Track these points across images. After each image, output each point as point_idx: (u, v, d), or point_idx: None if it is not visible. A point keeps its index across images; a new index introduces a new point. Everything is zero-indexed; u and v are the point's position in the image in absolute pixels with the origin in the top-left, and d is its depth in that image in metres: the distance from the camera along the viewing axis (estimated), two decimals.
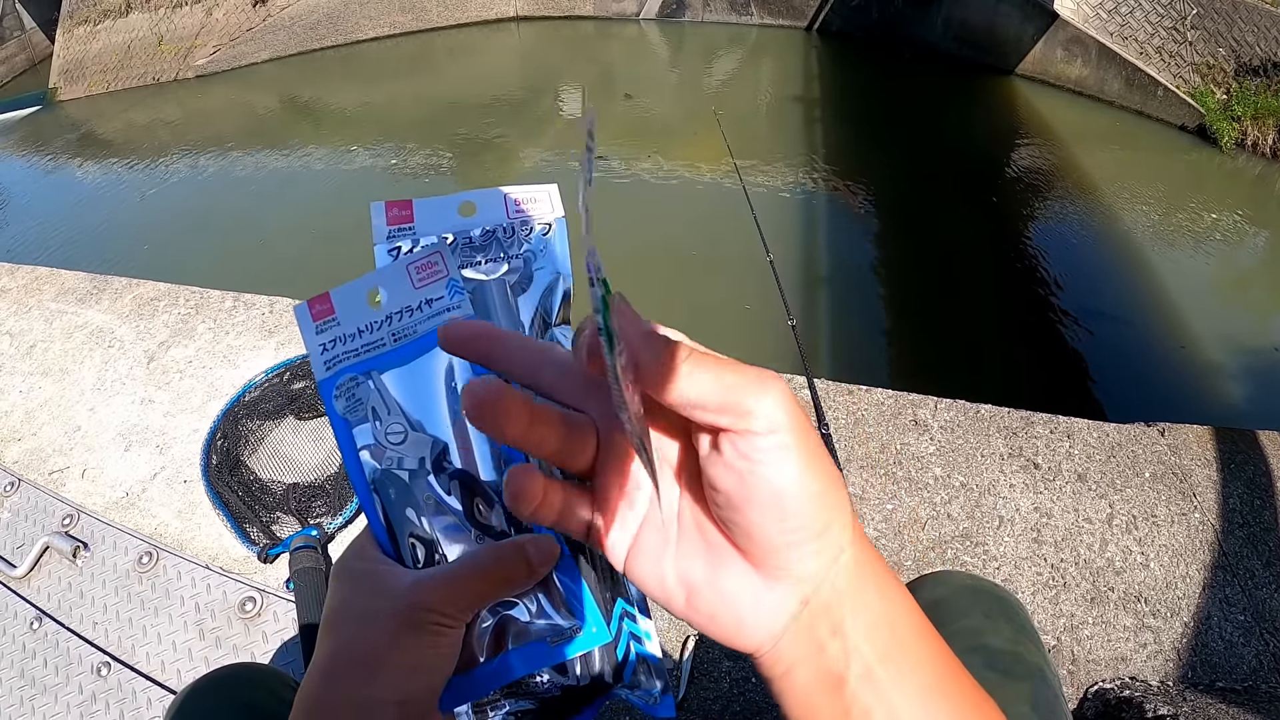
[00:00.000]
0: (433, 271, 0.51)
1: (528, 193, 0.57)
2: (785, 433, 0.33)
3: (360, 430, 0.49)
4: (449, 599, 0.44)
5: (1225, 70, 8.30)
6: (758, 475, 0.33)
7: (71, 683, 1.54)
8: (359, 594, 0.46)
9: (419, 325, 0.51)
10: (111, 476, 1.92)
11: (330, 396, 0.49)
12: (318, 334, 0.49)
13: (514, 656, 0.48)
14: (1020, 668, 0.72)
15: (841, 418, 1.83)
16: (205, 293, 2.46)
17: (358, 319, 0.50)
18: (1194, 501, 1.64)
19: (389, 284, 0.50)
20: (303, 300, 0.50)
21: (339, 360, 0.49)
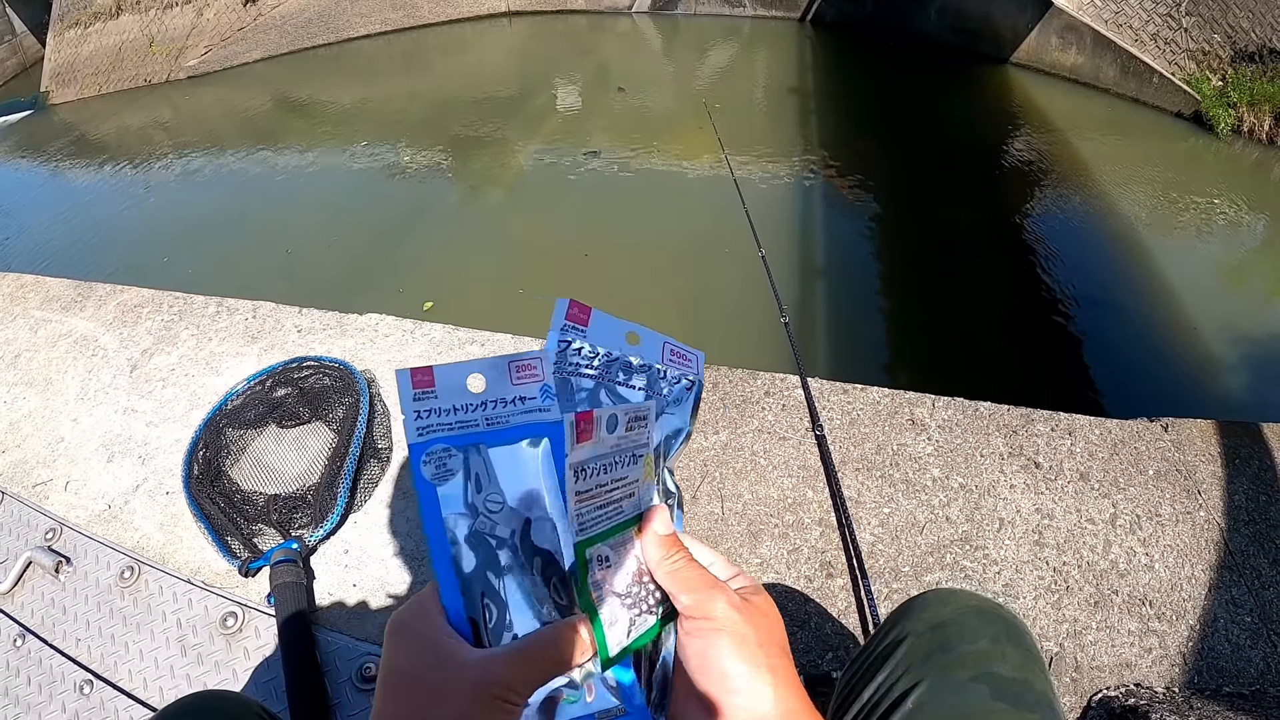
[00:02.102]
0: (531, 374, 0.57)
1: (682, 350, 0.68)
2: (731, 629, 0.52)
3: (445, 495, 0.53)
4: (519, 676, 0.49)
5: (1221, 56, 8.26)
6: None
7: (55, 701, 1.51)
8: (427, 660, 0.49)
9: (511, 417, 0.57)
10: (94, 489, 1.88)
11: (419, 460, 0.53)
12: (415, 401, 0.54)
13: None
14: (1029, 696, 0.69)
15: (836, 418, 1.79)
16: (189, 298, 2.43)
17: (454, 398, 0.55)
18: (1199, 499, 1.60)
19: (490, 375, 0.56)
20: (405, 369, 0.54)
21: (432, 429, 0.54)
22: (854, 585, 1.45)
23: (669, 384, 0.66)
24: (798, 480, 1.66)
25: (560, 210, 7.83)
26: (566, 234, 7.19)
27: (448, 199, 8.46)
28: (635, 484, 0.58)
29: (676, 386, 0.67)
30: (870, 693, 0.76)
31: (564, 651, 0.50)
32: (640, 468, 0.59)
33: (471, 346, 2.09)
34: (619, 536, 0.58)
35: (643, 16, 13.82)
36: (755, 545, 1.55)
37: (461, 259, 6.69)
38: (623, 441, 0.57)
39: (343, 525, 1.65)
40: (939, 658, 0.73)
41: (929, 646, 0.75)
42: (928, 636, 0.76)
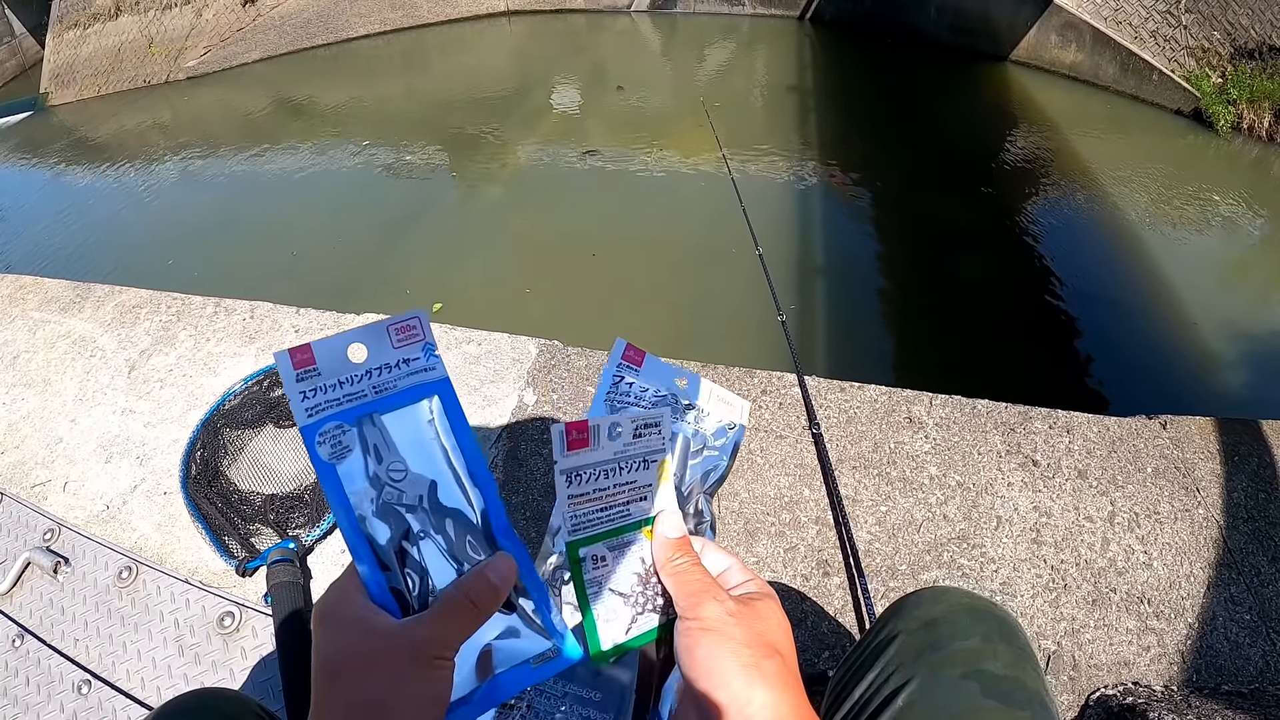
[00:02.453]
0: (411, 335, 0.58)
1: (726, 396, 0.73)
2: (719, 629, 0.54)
3: (346, 472, 0.53)
4: (444, 634, 0.50)
5: (1220, 53, 8.26)
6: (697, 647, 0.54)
7: (53, 701, 1.51)
8: (355, 640, 0.50)
9: (398, 381, 0.57)
10: (93, 489, 1.88)
11: (314, 443, 0.53)
12: (298, 382, 0.53)
13: (503, 678, 0.55)
14: (1020, 694, 0.69)
15: (833, 416, 1.79)
16: (187, 299, 2.42)
17: (338, 371, 0.54)
18: (1197, 497, 1.60)
19: (370, 342, 0.56)
20: (282, 348, 0.53)
21: (321, 408, 0.54)
22: (851, 584, 1.44)
23: (712, 426, 0.71)
24: (794, 479, 1.66)
25: (559, 209, 7.83)
26: (566, 233, 7.18)
27: (448, 199, 8.46)
28: (647, 488, 0.60)
29: (719, 426, 0.72)
30: (861, 691, 0.76)
31: (481, 599, 0.51)
32: (653, 472, 0.60)
33: (469, 346, 2.08)
34: (624, 537, 0.60)
35: (641, 15, 13.81)
36: (752, 544, 1.55)
37: (465, 259, 6.69)
38: (629, 448, 0.58)
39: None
40: (930, 656, 0.73)
41: (920, 644, 0.75)
42: (919, 634, 0.76)
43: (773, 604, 0.57)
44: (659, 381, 0.69)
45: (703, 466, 0.70)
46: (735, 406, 0.73)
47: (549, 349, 2.05)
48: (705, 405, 0.71)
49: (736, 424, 0.73)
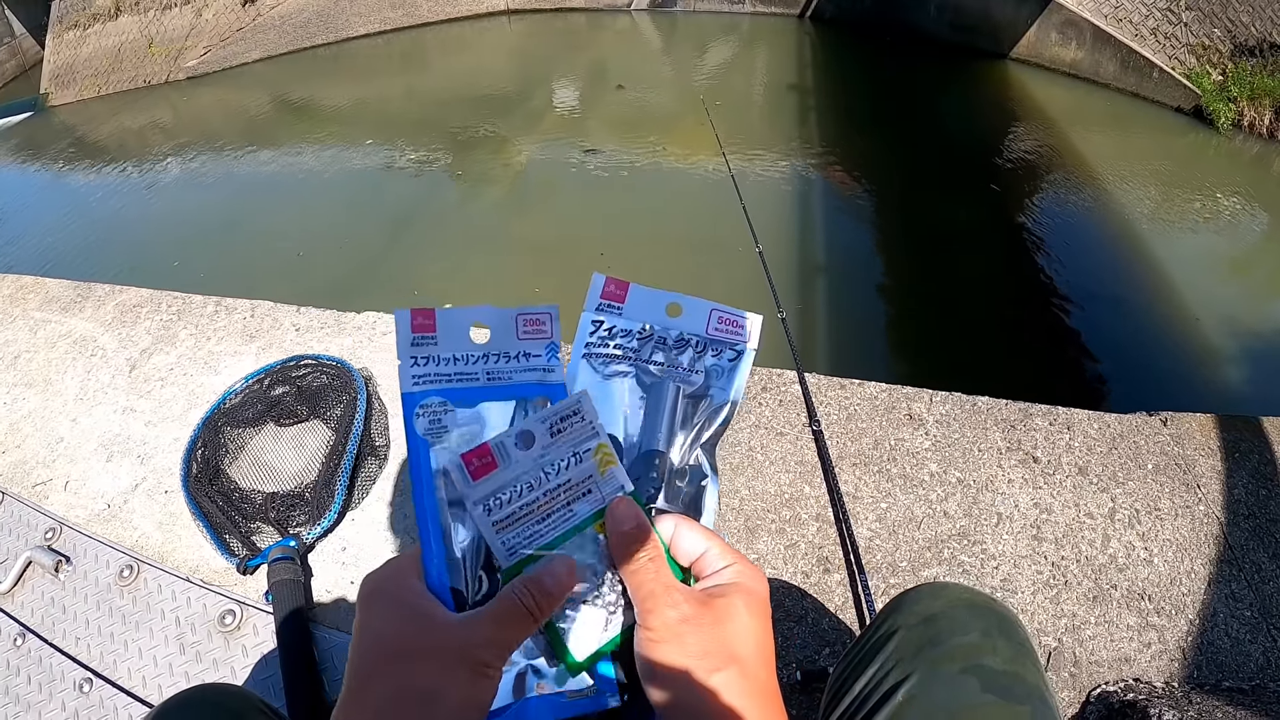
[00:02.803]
0: (538, 329, 0.56)
1: (731, 315, 0.63)
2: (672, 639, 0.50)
3: (438, 451, 0.51)
4: (498, 640, 0.48)
5: (1221, 51, 8.25)
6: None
7: (54, 699, 1.51)
8: (410, 626, 0.48)
9: (514, 374, 0.55)
10: (94, 488, 1.88)
11: (412, 413, 0.51)
12: (413, 346, 0.51)
13: (533, 704, 0.52)
14: (1020, 689, 0.69)
15: (833, 413, 1.79)
16: (188, 298, 2.43)
17: (455, 346, 0.53)
18: (1198, 493, 1.60)
19: (495, 326, 0.54)
20: (404, 309, 0.51)
21: (429, 379, 0.52)
22: (851, 581, 1.44)
23: (712, 357, 0.62)
24: (795, 476, 1.66)
25: (560, 208, 7.83)
26: (567, 231, 7.19)
27: (448, 198, 8.47)
28: (588, 481, 0.54)
29: (722, 357, 0.63)
30: (861, 686, 0.76)
31: (535, 604, 0.49)
32: (590, 464, 0.54)
33: None
34: (576, 539, 0.54)
35: (641, 14, 13.82)
36: (752, 541, 1.55)
37: (466, 258, 6.70)
38: (549, 450, 0.53)
39: (340, 523, 1.65)
40: (929, 651, 0.73)
41: (919, 640, 0.74)
42: (918, 630, 0.76)
43: (740, 600, 0.53)
44: (647, 316, 0.61)
45: (699, 413, 0.62)
46: (743, 325, 0.63)
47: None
48: (706, 332, 0.62)
49: (742, 349, 0.63)
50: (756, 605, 0.53)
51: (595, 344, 0.61)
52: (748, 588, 0.54)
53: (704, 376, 0.62)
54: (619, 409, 0.61)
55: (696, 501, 0.61)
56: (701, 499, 0.61)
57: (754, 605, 0.53)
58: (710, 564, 0.55)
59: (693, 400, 0.62)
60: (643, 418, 0.61)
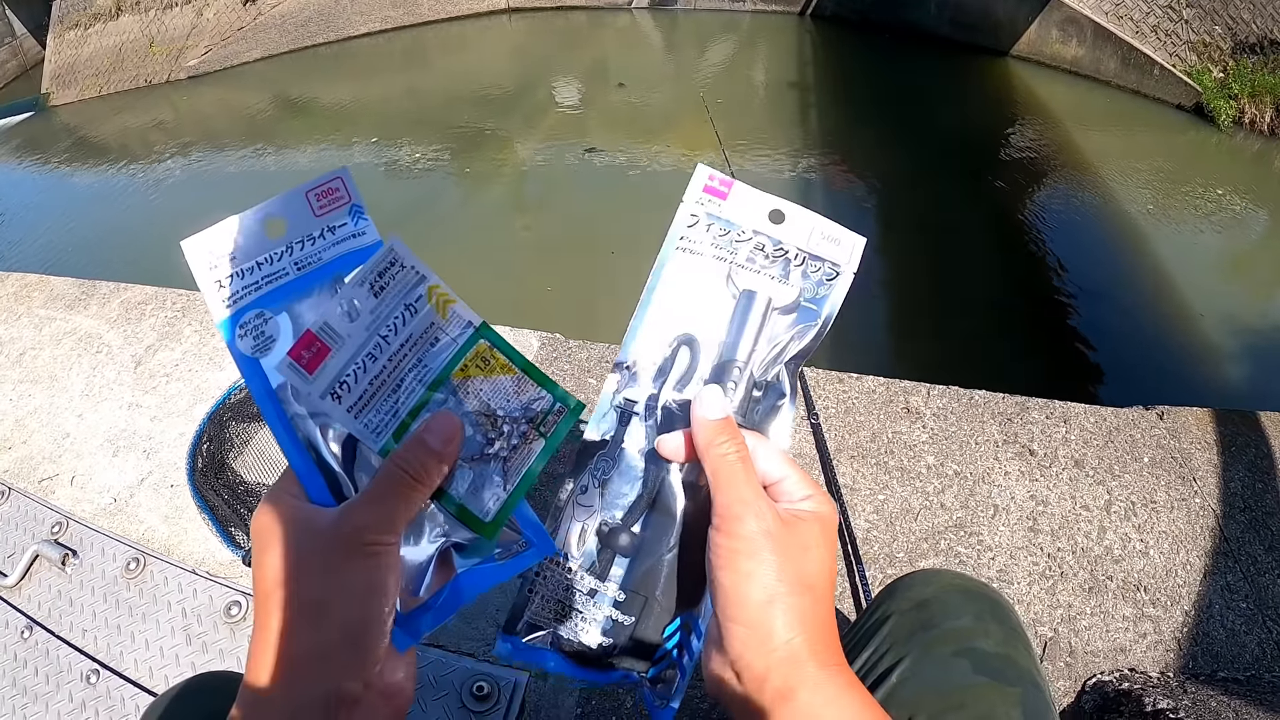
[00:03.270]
0: (334, 198, 0.51)
1: (835, 233, 0.58)
2: (752, 554, 0.47)
3: (271, 367, 0.47)
4: (375, 516, 0.44)
5: (1222, 48, 8.24)
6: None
7: (62, 691, 1.53)
8: (286, 540, 0.45)
9: (323, 253, 0.50)
10: (100, 483, 1.90)
11: (233, 336, 0.47)
12: (212, 270, 0.48)
13: (463, 580, 0.48)
14: (1011, 671, 0.70)
15: (832, 406, 1.80)
16: (192, 295, 2.44)
17: (255, 251, 0.48)
18: (1194, 486, 1.61)
19: (288, 213, 0.50)
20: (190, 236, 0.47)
21: (238, 297, 0.48)
22: (849, 571, 1.46)
23: (809, 273, 0.58)
24: None
25: (561, 206, 7.85)
26: (568, 229, 7.20)
27: (449, 196, 8.48)
28: (431, 331, 0.48)
29: (817, 275, 0.58)
30: (855, 669, 0.77)
31: (419, 470, 0.45)
32: (427, 310, 0.48)
33: None
34: (436, 397, 0.48)
35: (642, 12, 13.79)
36: None
37: (468, 256, 6.70)
38: (379, 311, 0.47)
39: None
40: (922, 635, 0.74)
41: (913, 624, 0.76)
42: (911, 614, 0.77)
43: (819, 529, 0.50)
44: (747, 219, 0.57)
45: (787, 328, 0.57)
46: (844, 245, 0.58)
47: (551, 342, 2.07)
48: (806, 245, 0.58)
49: (842, 269, 0.58)
50: (831, 538, 0.51)
51: (690, 238, 0.58)
52: (824, 518, 0.51)
53: (797, 291, 0.58)
54: (706, 309, 0.57)
55: (770, 419, 0.57)
56: (776, 417, 0.57)
57: (829, 537, 0.51)
58: (787, 492, 0.52)
59: (782, 313, 0.58)
60: (729, 324, 0.57)
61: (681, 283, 0.57)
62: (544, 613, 0.54)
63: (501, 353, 0.50)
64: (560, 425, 0.50)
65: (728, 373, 0.56)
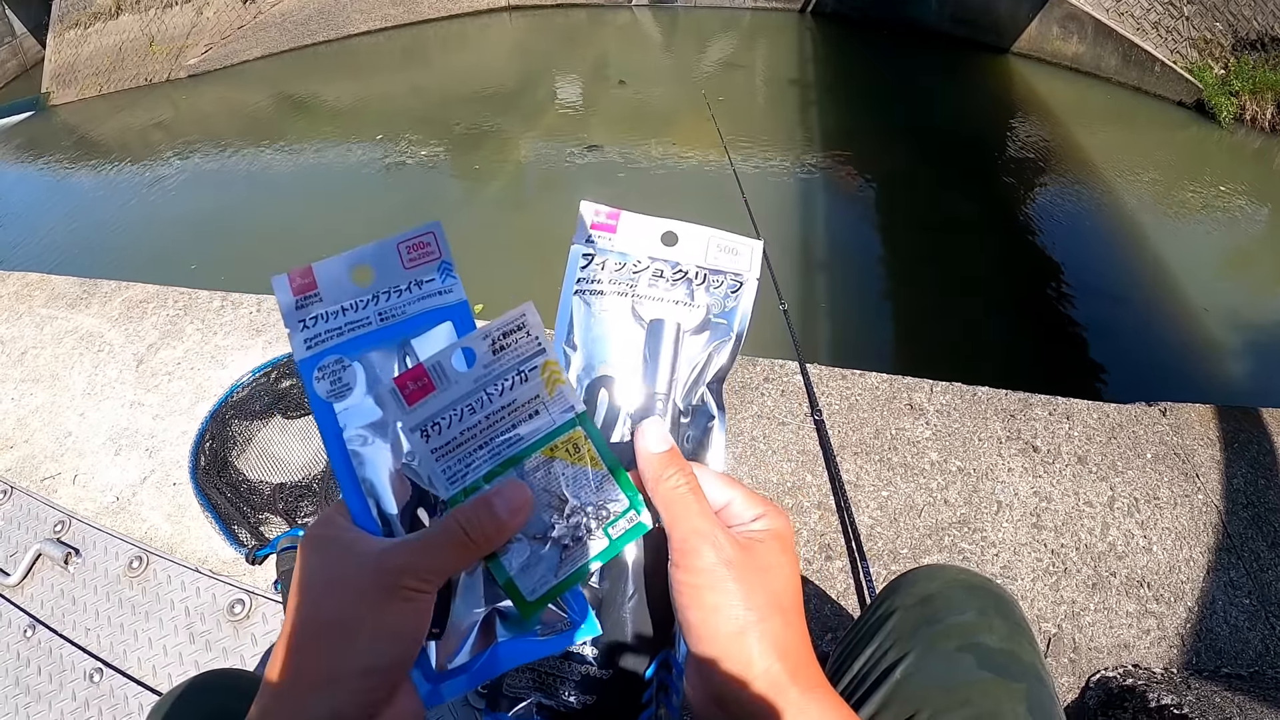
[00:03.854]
0: (425, 252, 0.51)
1: (732, 243, 0.57)
2: (713, 586, 0.46)
3: (346, 412, 0.48)
4: (421, 562, 0.44)
5: (1223, 45, 8.23)
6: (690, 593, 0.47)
7: (65, 689, 1.53)
8: (328, 560, 0.45)
9: (408, 306, 0.50)
10: (102, 481, 1.90)
11: (310, 378, 0.48)
12: (298, 309, 0.48)
13: (502, 649, 0.48)
14: (1016, 667, 0.70)
15: (835, 403, 1.80)
16: (194, 293, 2.44)
17: (341, 296, 0.49)
18: (1197, 483, 1.61)
19: (378, 262, 0.49)
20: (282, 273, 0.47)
21: (321, 339, 0.48)
22: (853, 567, 1.46)
23: (712, 288, 0.57)
24: (797, 464, 1.67)
25: (564, 204, 7.81)
26: (572, 227, 7.17)
27: (451, 194, 8.46)
28: (534, 403, 0.49)
29: (723, 289, 0.57)
30: (859, 665, 0.77)
31: (477, 530, 0.45)
32: (537, 382, 0.49)
33: None
34: (522, 467, 0.49)
35: (642, 9, 13.77)
36: None
37: (473, 255, 6.68)
38: (491, 368, 0.48)
39: None
40: (926, 630, 0.74)
41: (917, 619, 0.75)
42: (916, 610, 0.76)
43: (777, 546, 0.49)
44: (640, 247, 0.56)
45: (702, 348, 0.57)
46: (742, 254, 0.57)
47: (551, 339, 2.06)
48: (704, 261, 0.57)
49: (744, 279, 0.57)
50: (790, 553, 0.50)
51: (586, 278, 0.56)
52: (781, 534, 0.50)
53: (704, 310, 0.57)
54: (616, 347, 0.56)
55: (703, 443, 0.56)
56: (708, 440, 0.56)
57: (789, 553, 0.50)
58: (737, 514, 0.51)
59: (694, 334, 0.57)
60: (642, 357, 0.56)
61: (586, 326, 0.57)
62: (520, 683, 0.53)
63: (594, 445, 0.50)
64: (628, 532, 0.50)
65: (651, 405, 0.55)
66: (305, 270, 0.48)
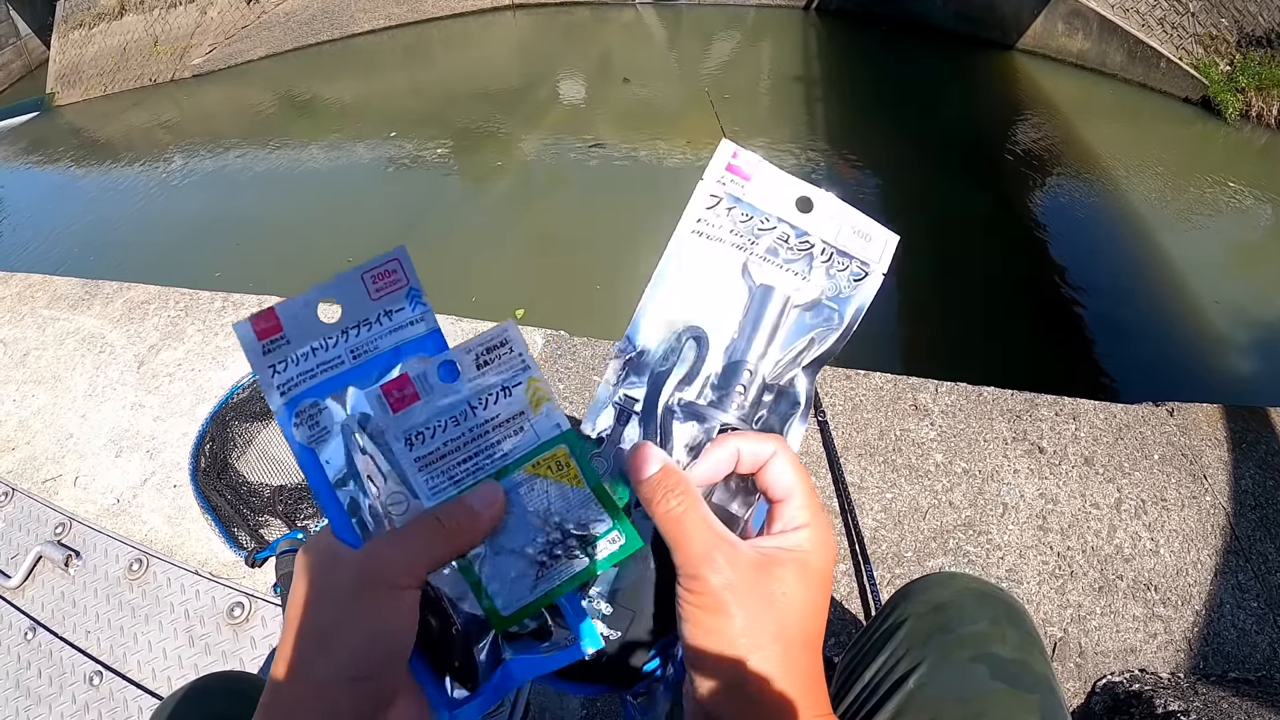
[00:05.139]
0: (392, 280, 0.49)
1: (868, 228, 0.54)
2: (715, 609, 0.45)
3: (328, 455, 0.47)
4: (399, 556, 0.44)
5: (1228, 41, 8.19)
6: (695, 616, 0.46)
7: (65, 692, 1.53)
8: (315, 571, 0.46)
9: (380, 340, 0.49)
10: (103, 483, 1.90)
11: (289, 425, 0.47)
12: (265, 355, 0.46)
13: (514, 665, 0.48)
14: (1029, 677, 0.69)
15: (839, 404, 1.79)
16: (194, 294, 2.44)
17: (309, 337, 0.47)
18: (1205, 484, 1.60)
19: (343, 296, 0.48)
20: (243, 319, 0.46)
21: (294, 384, 0.47)
22: (856, 570, 1.45)
23: (836, 271, 0.53)
24: None
25: (568, 202, 7.84)
26: (575, 225, 7.18)
27: (455, 193, 8.48)
28: (519, 419, 0.49)
29: (846, 273, 0.54)
30: (871, 674, 0.76)
31: (453, 522, 0.45)
32: (521, 399, 0.49)
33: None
34: (506, 481, 0.48)
35: (646, 7, 13.76)
36: None
37: (477, 253, 6.68)
38: (476, 383, 0.47)
39: None
40: (939, 639, 0.73)
41: (929, 628, 0.75)
42: (928, 618, 0.76)
43: (794, 572, 0.47)
44: (771, 204, 0.52)
45: (806, 330, 0.53)
46: (875, 241, 0.54)
47: (555, 339, 2.06)
48: (834, 239, 0.53)
49: (871, 269, 0.54)
50: (814, 580, 0.48)
51: (708, 220, 0.53)
52: (809, 559, 0.48)
53: (819, 289, 0.53)
54: (718, 301, 0.53)
55: (781, 431, 0.52)
56: (787, 429, 0.53)
57: (811, 579, 0.48)
58: (787, 514, 0.49)
59: (802, 312, 0.53)
60: (742, 320, 0.53)
61: (695, 270, 0.53)
62: None
63: (578, 464, 0.49)
64: (611, 555, 0.49)
65: (736, 374, 0.52)
66: (267, 313, 0.46)
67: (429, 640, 0.46)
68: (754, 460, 0.49)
